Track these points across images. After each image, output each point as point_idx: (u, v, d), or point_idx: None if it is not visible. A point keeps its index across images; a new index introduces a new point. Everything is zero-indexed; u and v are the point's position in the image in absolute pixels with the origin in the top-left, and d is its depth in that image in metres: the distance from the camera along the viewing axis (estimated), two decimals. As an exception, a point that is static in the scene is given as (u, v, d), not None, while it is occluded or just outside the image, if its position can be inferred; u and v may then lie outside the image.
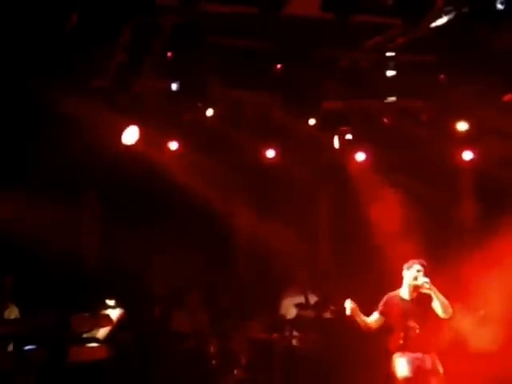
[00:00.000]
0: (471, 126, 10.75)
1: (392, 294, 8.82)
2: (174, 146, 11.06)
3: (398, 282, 8.87)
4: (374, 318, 8.71)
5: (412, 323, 8.61)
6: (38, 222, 10.09)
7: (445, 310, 8.55)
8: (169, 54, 8.88)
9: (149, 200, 11.60)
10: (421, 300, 8.66)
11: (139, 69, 8.71)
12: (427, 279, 8.52)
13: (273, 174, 12.00)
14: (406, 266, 8.76)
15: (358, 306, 9.43)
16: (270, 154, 11.66)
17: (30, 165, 10.08)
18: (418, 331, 8.58)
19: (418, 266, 8.66)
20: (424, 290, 8.52)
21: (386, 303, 8.77)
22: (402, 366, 8.50)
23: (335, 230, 12.66)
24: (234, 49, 9.01)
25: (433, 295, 8.49)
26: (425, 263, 8.68)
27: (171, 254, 11.14)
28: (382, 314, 8.71)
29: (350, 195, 12.42)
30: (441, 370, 8.57)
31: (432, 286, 8.47)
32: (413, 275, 8.64)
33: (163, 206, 11.66)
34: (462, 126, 10.76)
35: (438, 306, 8.52)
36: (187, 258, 11.39)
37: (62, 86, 9.07)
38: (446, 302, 8.54)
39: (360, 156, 11.77)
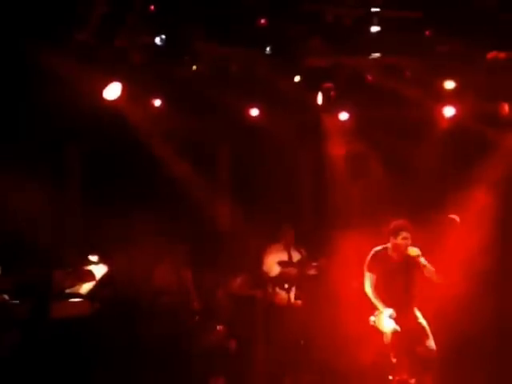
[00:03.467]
0: (455, 83, 10.75)
1: (379, 249, 8.81)
2: (157, 102, 11.02)
3: (380, 240, 8.92)
4: (371, 280, 8.71)
5: (396, 283, 8.67)
6: (20, 178, 10.07)
7: (430, 276, 8.61)
8: (151, 7, 8.82)
9: (132, 158, 11.55)
10: (406, 259, 8.69)
11: (122, 21, 8.62)
12: (418, 251, 8.54)
13: (256, 132, 11.96)
14: (390, 228, 8.75)
15: (340, 263, 9.55)
16: (254, 112, 11.67)
17: (11, 121, 9.98)
18: (401, 291, 8.65)
19: (404, 233, 8.64)
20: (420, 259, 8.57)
21: (373, 260, 8.77)
22: (387, 320, 8.56)
23: (318, 188, 12.65)
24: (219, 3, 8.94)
25: (423, 264, 8.55)
26: (409, 226, 8.69)
27: (154, 210, 11.14)
28: (372, 271, 8.73)
29: (332, 154, 12.44)
30: (425, 323, 8.66)
31: (423, 259, 8.53)
32: (402, 244, 8.62)
33: (146, 164, 11.61)
34: (449, 84, 10.75)
35: (426, 271, 8.59)
36: (171, 214, 11.40)
37: (42, 39, 8.95)
38: (432, 269, 8.59)
39: (343, 115, 11.78)
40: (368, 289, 8.72)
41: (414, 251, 8.58)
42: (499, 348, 10.01)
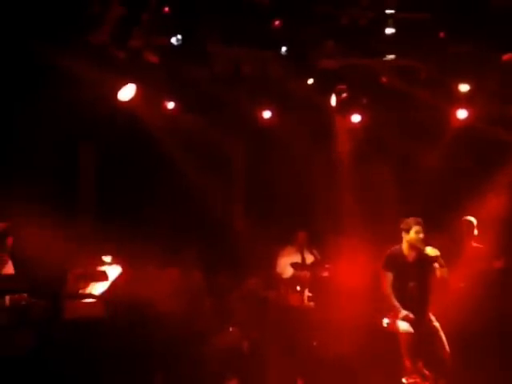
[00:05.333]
0: (469, 85, 10.74)
1: (394, 249, 8.79)
2: (171, 103, 11.05)
3: (392, 241, 8.92)
4: (388, 280, 8.69)
5: (411, 284, 8.65)
6: (34, 178, 10.14)
7: (443, 275, 8.60)
8: (166, 9, 8.86)
9: (146, 159, 11.60)
10: (421, 260, 8.68)
11: (137, 22, 8.65)
12: (437, 252, 8.53)
13: (271, 134, 11.97)
14: (402, 226, 8.76)
15: (353, 265, 9.51)
16: (268, 113, 11.68)
17: (29, 120, 10.04)
18: (415, 292, 8.63)
19: (416, 227, 8.65)
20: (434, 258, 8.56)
21: (390, 259, 8.74)
22: (402, 322, 8.54)
23: (331, 190, 12.63)
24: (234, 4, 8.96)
25: (439, 264, 8.55)
26: (420, 221, 8.70)
27: (167, 211, 11.16)
28: (389, 270, 8.72)
29: (344, 155, 12.45)
30: (438, 326, 8.63)
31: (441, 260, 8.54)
32: (416, 238, 8.61)
33: (161, 164, 11.65)
34: (464, 87, 10.75)
35: (439, 271, 8.58)
36: (184, 214, 11.41)
37: (57, 41, 8.99)
38: (446, 270, 8.58)
39: (355, 117, 11.79)
40: (386, 289, 8.67)
41: (433, 251, 8.56)
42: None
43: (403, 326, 8.52)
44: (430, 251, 8.56)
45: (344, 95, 11.15)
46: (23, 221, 9.88)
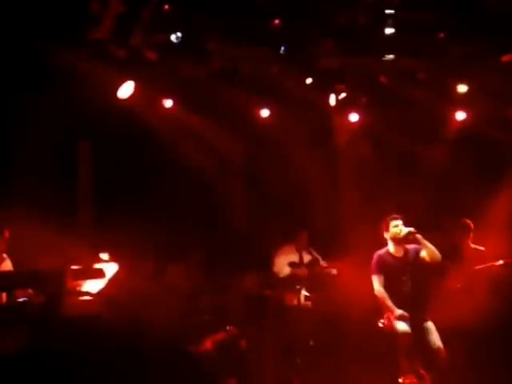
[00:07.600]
0: (468, 86, 10.76)
1: (380, 252, 8.90)
2: (170, 101, 11.04)
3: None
4: (379, 282, 8.73)
5: (404, 279, 8.69)
6: (32, 175, 10.13)
7: (432, 255, 8.63)
8: (166, 6, 8.87)
9: (145, 156, 11.59)
10: (409, 255, 8.75)
11: (137, 19, 8.66)
12: (411, 228, 8.60)
13: (269, 132, 11.97)
14: (382, 225, 8.87)
15: (352, 264, 9.54)
16: (267, 112, 11.68)
17: (27, 118, 10.04)
18: (410, 287, 8.66)
19: (394, 222, 8.72)
20: (416, 235, 8.58)
21: (378, 261, 8.82)
22: (398, 322, 8.55)
23: (330, 189, 12.64)
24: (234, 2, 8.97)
25: (420, 241, 8.57)
26: (397, 216, 8.76)
27: (165, 207, 11.17)
28: (380, 273, 8.76)
29: (343, 155, 12.46)
30: (434, 329, 8.62)
31: (417, 232, 8.57)
32: (395, 231, 8.70)
33: (160, 162, 11.65)
34: (462, 88, 10.77)
35: (426, 252, 8.62)
36: (183, 212, 11.42)
37: (57, 38, 8.98)
38: (432, 247, 8.62)
39: (354, 117, 11.80)
40: (380, 291, 8.71)
41: (406, 230, 8.63)
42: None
43: (401, 326, 8.54)
44: (405, 231, 8.62)
45: (343, 95, 11.17)
46: (22, 218, 9.89)
